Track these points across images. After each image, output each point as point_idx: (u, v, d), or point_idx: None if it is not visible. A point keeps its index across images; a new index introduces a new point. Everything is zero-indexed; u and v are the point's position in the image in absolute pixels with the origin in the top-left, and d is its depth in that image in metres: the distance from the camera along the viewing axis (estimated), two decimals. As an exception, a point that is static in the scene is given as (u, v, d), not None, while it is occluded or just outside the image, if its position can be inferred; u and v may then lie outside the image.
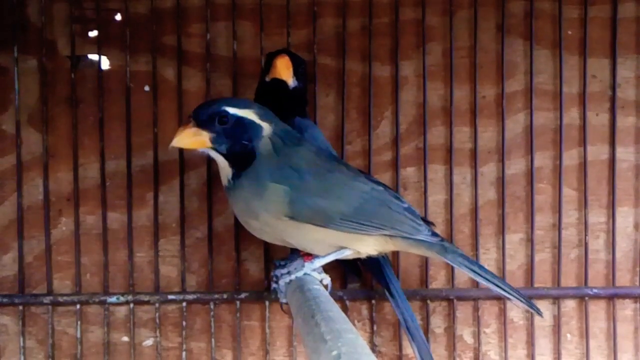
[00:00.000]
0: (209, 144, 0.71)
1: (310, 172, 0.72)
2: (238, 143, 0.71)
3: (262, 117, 0.72)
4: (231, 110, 0.71)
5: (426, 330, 0.90)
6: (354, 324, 0.90)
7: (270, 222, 0.72)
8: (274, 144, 0.72)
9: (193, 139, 0.71)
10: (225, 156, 0.72)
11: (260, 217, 0.72)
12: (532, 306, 0.76)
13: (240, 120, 0.71)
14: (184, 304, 0.90)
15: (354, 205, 0.72)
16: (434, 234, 0.75)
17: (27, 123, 0.90)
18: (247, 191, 0.72)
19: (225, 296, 0.90)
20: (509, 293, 0.75)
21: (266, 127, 0.72)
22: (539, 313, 0.77)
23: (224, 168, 0.73)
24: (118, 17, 0.90)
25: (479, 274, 0.75)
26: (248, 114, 0.71)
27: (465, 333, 0.92)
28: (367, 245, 0.74)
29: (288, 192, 0.70)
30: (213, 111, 0.70)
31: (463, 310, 0.92)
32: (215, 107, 0.71)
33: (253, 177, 0.71)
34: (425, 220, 0.76)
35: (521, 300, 0.75)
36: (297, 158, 0.72)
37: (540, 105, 0.91)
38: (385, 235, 0.74)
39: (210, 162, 0.89)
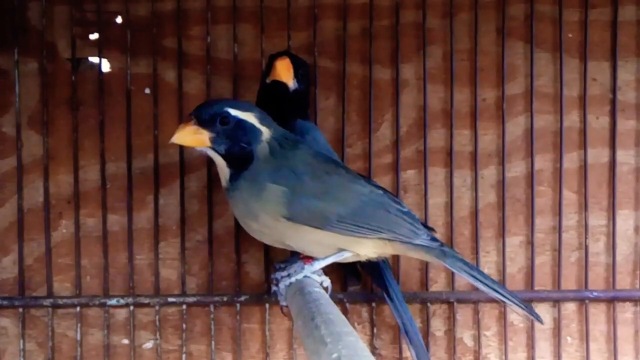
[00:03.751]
0: (208, 144, 0.71)
1: (308, 173, 0.72)
2: (237, 145, 0.71)
3: (261, 122, 0.72)
4: (233, 112, 0.71)
5: (426, 333, 0.90)
6: (354, 327, 0.90)
7: (269, 224, 0.72)
8: (272, 148, 0.72)
9: (193, 137, 0.71)
10: (224, 157, 0.72)
11: (259, 218, 0.72)
12: (531, 313, 0.76)
13: (241, 122, 0.71)
14: (184, 306, 0.90)
15: (351, 208, 0.72)
16: (434, 239, 0.74)
17: (27, 125, 0.90)
18: (245, 192, 0.72)
19: (225, 299, 0.90)
20: (508, 299, 0.75)
21: (265, 132, 0.72)
22: (539, 320, 0.76)
23: (223, 169, 0.73)
24: (119, 19, 0.90)
25: (478, 280, 0.75)
26: (249, 117, 0.72)
27: (466, 336, 0.92)
28: (365, 248, 0.74)
29: (286, 192, 0.70)
30: (215, 111, 0.71)
31: (463, 313, 0.92)
32: (218, 108, 0.71)
33: (251, 179, 0.71)
34: (425, 225, 0.76)
35: (521, 307, 0.75)
36: (296, 160, 0.72)
37: (540, 108, 0.91)
38: (384, 238, 0.74)
39: (210, 164, 0.89)
